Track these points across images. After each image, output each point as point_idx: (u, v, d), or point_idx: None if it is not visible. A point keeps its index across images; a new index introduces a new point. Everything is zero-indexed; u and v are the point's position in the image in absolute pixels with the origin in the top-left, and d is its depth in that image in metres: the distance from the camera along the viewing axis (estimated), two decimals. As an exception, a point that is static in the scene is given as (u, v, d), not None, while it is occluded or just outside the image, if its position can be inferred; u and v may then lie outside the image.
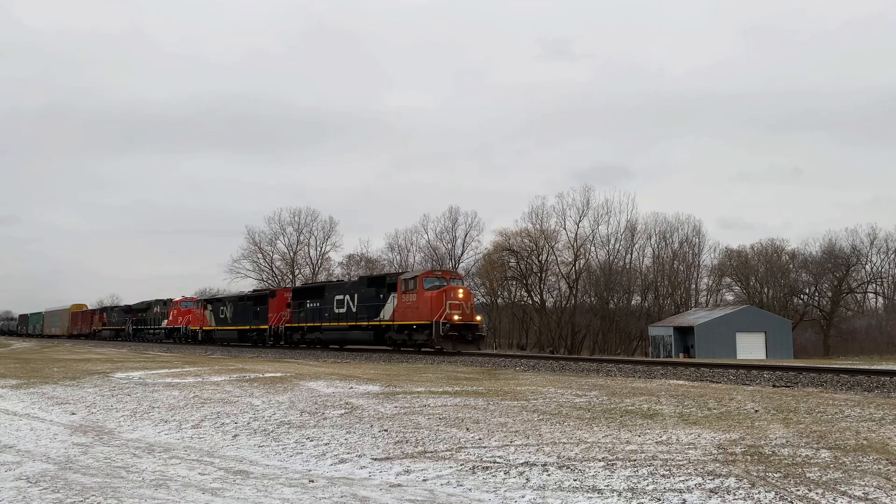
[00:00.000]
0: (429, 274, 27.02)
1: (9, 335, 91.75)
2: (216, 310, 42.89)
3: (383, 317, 27.58)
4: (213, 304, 44.14)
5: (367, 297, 28.76)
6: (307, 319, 32.78)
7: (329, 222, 73.15)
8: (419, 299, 25.63)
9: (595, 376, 15.56)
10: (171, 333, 48.63)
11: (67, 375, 17.20)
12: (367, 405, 10.32)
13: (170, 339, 48.64)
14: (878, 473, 5.66)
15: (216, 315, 42.52)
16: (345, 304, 30.23)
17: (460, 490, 5.70)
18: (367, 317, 28.41)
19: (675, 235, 70.82)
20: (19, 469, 6.76)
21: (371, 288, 29.20)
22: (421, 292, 25.66)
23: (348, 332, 29.78)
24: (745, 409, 9.36)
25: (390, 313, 27.17)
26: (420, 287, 25.82)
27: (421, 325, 25.30)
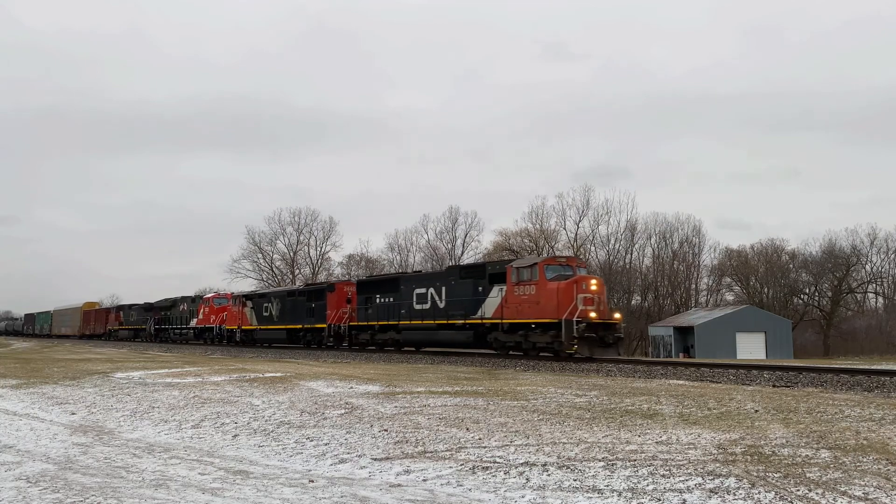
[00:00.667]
0: (551, 261, 22.20)
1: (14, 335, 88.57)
2: (258, 307, 37.45)
3: (484, 314, 22.91)
4: (254, 301, 38.54)
5: (461, 291, 24.17)
6: (378, 317, 28.11)
7: (329, 222, 73.18)
8: (540, 292, 20.93)
9: (595, 376, 15.56)
10: (202, 333, 43.71)
11: (67, 375, 17.20)
12: (367, 405, 10.32)
13: (200, 339, 44.03)
14: (878, 473, 5.66)
15: (258, 312, 37.23)
16: (428, 299, 25.67)
17: (460, 490, 5.70)
18: (463, 313, 23.71)
19: (675, 235, 70.81)
20: (19, 469, 6.76)
21: (466, 279, 24.37)
22: (543, 284, 20.94)
23: (436, 333, 25.15)
24: (745, 409, 9.36)
25: (494, 309, 22.51)
26: (541, 277, 21.07)
27: (543, 325, 20.72)
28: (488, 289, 23.00)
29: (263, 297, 38.09)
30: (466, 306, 23.70)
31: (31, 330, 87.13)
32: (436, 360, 22.63)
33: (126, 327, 56.74)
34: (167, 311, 49.64)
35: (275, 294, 37.85)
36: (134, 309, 56.96)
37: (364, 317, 29.08)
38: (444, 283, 25.43)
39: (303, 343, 33.52)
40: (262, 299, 37.77)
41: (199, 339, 44.11)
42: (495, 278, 22.82)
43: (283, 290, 39.84)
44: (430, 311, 25.47)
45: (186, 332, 45.87)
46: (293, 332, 34.13)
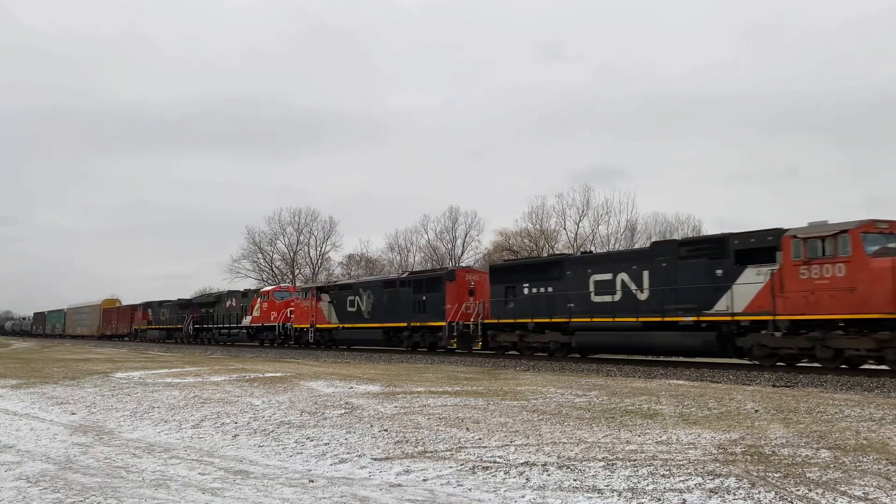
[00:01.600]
0: (868, 227, 14.64)
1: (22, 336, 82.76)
2: (339, 300, 30.51)
3: (729, 307, 16.37)
4: (333, 293, 31.35)
5: (684, 275, 17.40)
6: (526, 312, 21.62)
7: (329, 222, 73.09)
8: (856, 273, 14.23)
9: (595, 376, 15.56)
10: (258, 333, 37.12)
11: (67, 375, 17.20)
12: (367, 405, 10.32)
13: (254, 340, 37.77)
14: (878, 473, 5.66)
15: (340, 307, 30.39)
16: (617, 288, 19.08)
17: (460, 490, 5.70)
18: (694, 307, 16.98)
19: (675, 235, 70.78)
20: (19, 469, 6.76)
21: (691, 259, 17.43)
22: (860, 260, 14.21)
23: (643, 336, 18.24)
24: (745, 408, 9.36)
25: (751, 300, 15.96)
26: (856, 250, 14.26)
27: (862, 323, 14.22)
28: (735, 270, 16.37)
29: (348, 289, 30.74)
30: (697, 297, 16.95)
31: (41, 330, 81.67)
32: (435, 360, 22.62)
33: (157, 327, 50.69)
34: (210, 309, 43.28)
35: (365, 284, 30.46)
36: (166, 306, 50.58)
37: (502, 312, 22.52)
38: (645, 265, 18.51)
39: (407, 346, 27.03)
40: (346, 291, 30.59)
41: (254, 340, 37.83)
42: (747, 256, 16.25)
43: (378, 279, 32.88)
44: (621, 303, 18.87)
45: (237, 332, 39.29)
46: (393, 332, 27.52)
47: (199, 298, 47.28)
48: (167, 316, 49.25)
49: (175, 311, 48.12)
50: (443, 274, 26.12)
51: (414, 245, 69.75)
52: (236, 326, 39.41)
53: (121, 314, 58.49)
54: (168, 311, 49.37)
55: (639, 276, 18.55)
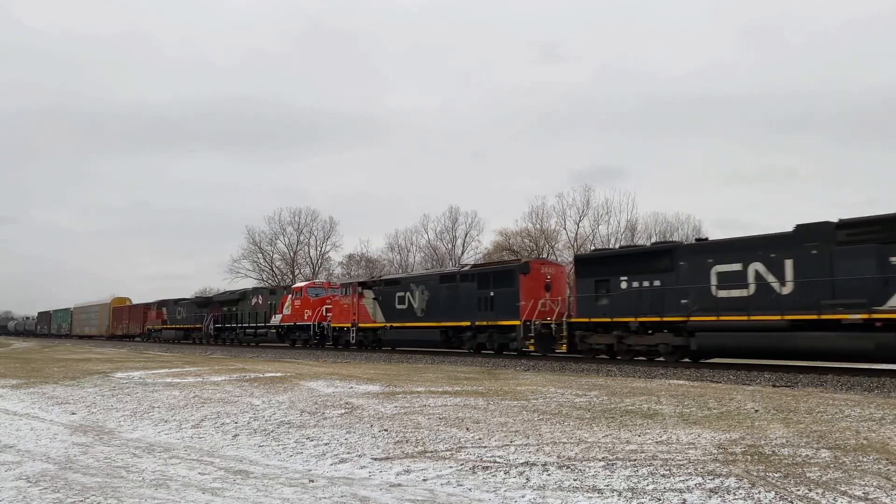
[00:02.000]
0: None
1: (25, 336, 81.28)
2: (386, 296, 27.68)
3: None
4: (378, 289, 28.38)
5: (846, 263, 14.67)
6: (627, 309, 18.84)
7: (329, 222, 73.09)
8: None
9: (595, 376, 15.56)
10: (289, 333, 34.52)
11: (67, 375, 17.20)
12: (367, 405, 10.32)
13: (285, 341, 35.18)
14: (878, 473, 5.67)
15: (387, 304, 27.62)
16: (748, 279, 16.39)
17: (460, 490, 5.70)
18: (865, 301, 14.21)
19: (676, 235, 70.75)
20: (19, 469, 6.76)
21: (858, 243, 14.57)
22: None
23: (790, 337, 15.30)
24: (745, 408, 9.36)
25: None
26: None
27: None
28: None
29: (396, 284, 27.72)
30: (865, 290, 14.22)
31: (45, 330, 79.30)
32: (436, 360, 22.62)
33: (172, 327, 47.84)
34: (233, 307, 40.30)
35: (418, 279, 27.15)
36: (182, 304, 47.88)
37: (592, 309, 19.73)
38: (787, 252, 15.75)
39: (470, 347, 24.12)
40: (395, 287, 27.56)
41: (285, 341, 35.17)
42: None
43: (434, 272, 29.22)
44: (756, 299, 16.13)
45: (264, 331, 36.40)
46: (453, 333, 24.49)
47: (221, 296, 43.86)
48: (184, 315, 46.28)
49: (193, 309, 45.28)
50: (515, 266, 22.91)
51: (414, 245, 69.73)
52: (264, 326, 36.36)
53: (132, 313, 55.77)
54: (185, 310, 46.46)
55: (779, 266, 15.84)
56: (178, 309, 47.58)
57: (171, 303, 49.98)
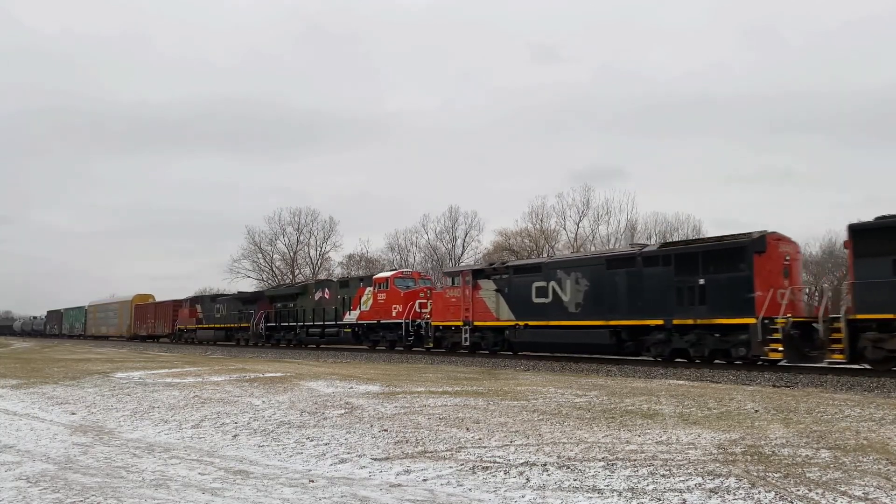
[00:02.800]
0: None
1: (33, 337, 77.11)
2: (516, 287, 21.89)
3: None
4: (503, 278, 22.47)
5: None
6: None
7: (329, 222, 73.08)
8: None
9: (595, 376, 15.56)
10: (369, 333, 28.65)
11: (67, 375, 17.20)
12: (367, 405, 10.32)
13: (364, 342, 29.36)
14: (878, 473, 5.67)
15: (517, 297, 21.80)
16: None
17: (460, 490, 5.70)
18: None
19: (676, 235, 70.70)
20: (19, 469, 6.76)
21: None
22: None
23: None
24: (745, 409, 9.36)
25: None
26: None
27: None
28: None
29: (533, 272, 21.71)
30: None
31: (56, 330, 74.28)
32: (436, 359, 22.62)
33: (209, 326, 42.20)
34: (290, 303, 34.78)
35: (569, 263, 21.11)
36: (222, 301, 42.35)
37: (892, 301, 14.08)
38: None
39: (657, 355, 18.29)
40: (531, 275, 21.65)
41: (364, 342, 29.44)
42: None
43: (594, 255, 22.25)
44: None
45: (335, 331, 30.67)
46: (629, 334, 18.73)
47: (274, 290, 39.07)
48: (224, 313, 40.70)
49: (235, 306, 39.73)
50: (746, 243, 16.70)
51: (414, 245, 69.74)
52: (334, 324, 30.60)
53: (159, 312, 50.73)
54: (225, 307, 40.94)
55: None
56: (217, 306, 42.02)
57: (206, 299, 45.08)
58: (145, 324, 52.26)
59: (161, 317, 50.11)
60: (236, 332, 39.37)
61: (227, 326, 40.32)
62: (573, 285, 20.19)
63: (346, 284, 31.75)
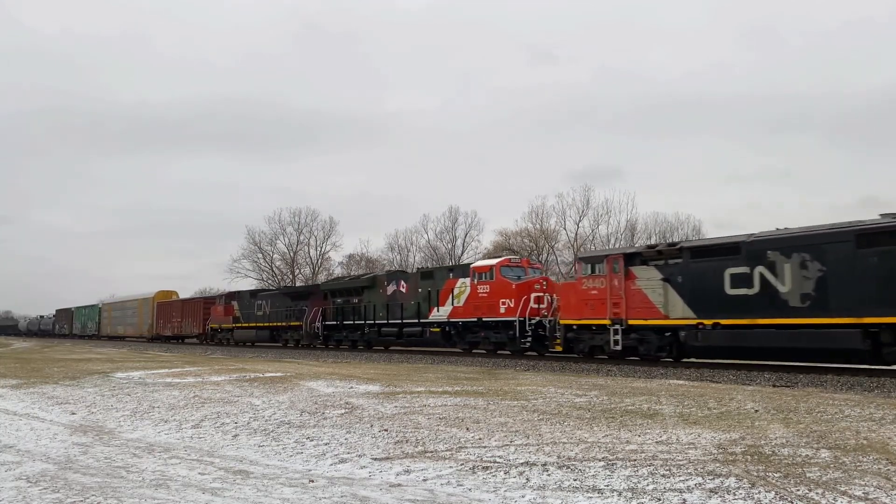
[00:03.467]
0: None
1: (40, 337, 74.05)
2: (696, 274, 17.04)
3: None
4: (673, 264, 17.76)
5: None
6: None
7: (329, 222, 73.08)
8: None
9: (595, 376, 15.56)
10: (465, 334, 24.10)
11: (67, 375, 17.20)
12: (367, 405, 10.32)
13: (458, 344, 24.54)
14: (878, 473, 5.67)
15: (696, 286, 16.99)
16: None
17: (460, 490, 5.69)
18: None
19: (676, 235, 70.68)
20: (19, 469, 6.76)
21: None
22: None
23: None
24: (745, 408, 9.36)
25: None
26: None
27: None
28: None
29: (720, 254, 16.77)
30: None
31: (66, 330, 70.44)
32: (436, 359, 22.61)
33: (249, 326, 37.48)
34: (354, 298, 29.68)
35: (778, 241, 15.83)
36: (264, 297, 37.51)
37: None
38: None
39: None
40: (716, 258, 16.74)
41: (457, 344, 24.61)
42: None
43: (819, 230, 15.25)
44: None
45: (417, 330, 25.84)
46: (891, 335, 13.81)
47: (332, 284, 33.44)
48: (267, 310, 35.96)
49: (282, 302, 35.00)
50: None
51: (414, 245, 69.72)
52: (416, 323, 25.79)
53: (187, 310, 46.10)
54: (269, 304, 36.03)
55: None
56: (258, 303, 37.01)
57: (245, 295, 39.92)
58: (170, 323, 47.89)
59: (189, 315, 45.26)
60: (283, 332, 34.69)
61: (271, 326, 35.44)
62: (796, 270, 15.18)
63: (429, 275, 26.76)
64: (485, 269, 23.79)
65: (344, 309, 30.37)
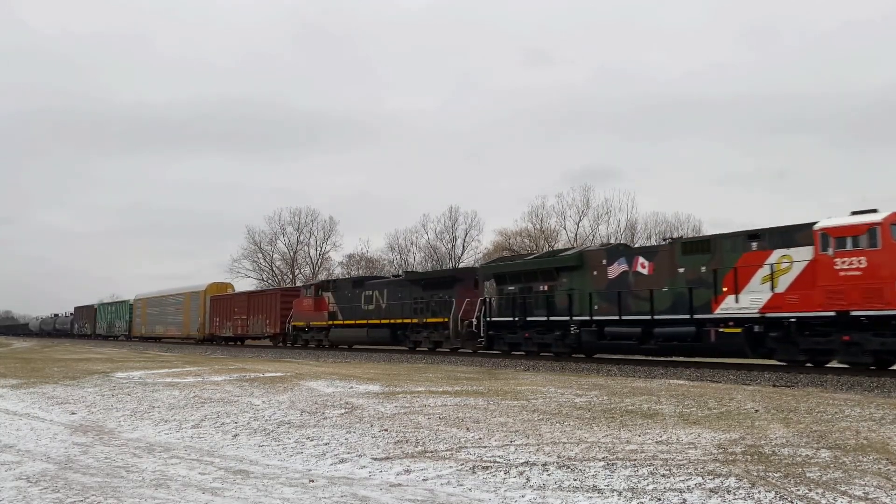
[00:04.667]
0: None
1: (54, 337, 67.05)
2: None
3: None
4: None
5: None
6: None
7: (329, 222, 73.05)
8: None
9: (595, 376, 15.56)
10: (796, 336, 14.96)
11: (67, 375, 17.20)
12: (367, 405, 10.32)
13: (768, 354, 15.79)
14: (878, 473, 5.67)
15: None
16: None
17: (460, 490, 5.69)
18: None
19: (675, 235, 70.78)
20: (19, 469, 6.76)
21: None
22: None
23: None
24: (745, 408, 9.36)
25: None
26: None
27: None
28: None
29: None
30: None
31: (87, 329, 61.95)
32: (436, 359, 22.61)
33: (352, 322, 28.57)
34: (539, 284, 21.06)
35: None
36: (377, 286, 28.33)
37: None
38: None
39: None
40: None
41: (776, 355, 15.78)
42: None
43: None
44: None
45: (685, 331, 16.85)
46: None
47: (504, 265, 23.46)
48: (384, 302, 27.18)
49: (407, 292, 26.25)
50: None
51: (414, 245, 69.70)
52: (687, 320, 16.80)
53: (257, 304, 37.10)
54: (386, 295, 27.19)
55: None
56: (367, 293, 27.85)
57: (345, 284, 30.71)
58: (230, 321, 39.19)
59: (260, 311, 36.45)
60: (413, 330, 25.99)
61: (392, 323, 26.59)
62: None
63: (704, 247, 17.13)
64: (854, 231, 14.24)
65: (526, 300, 21.39)
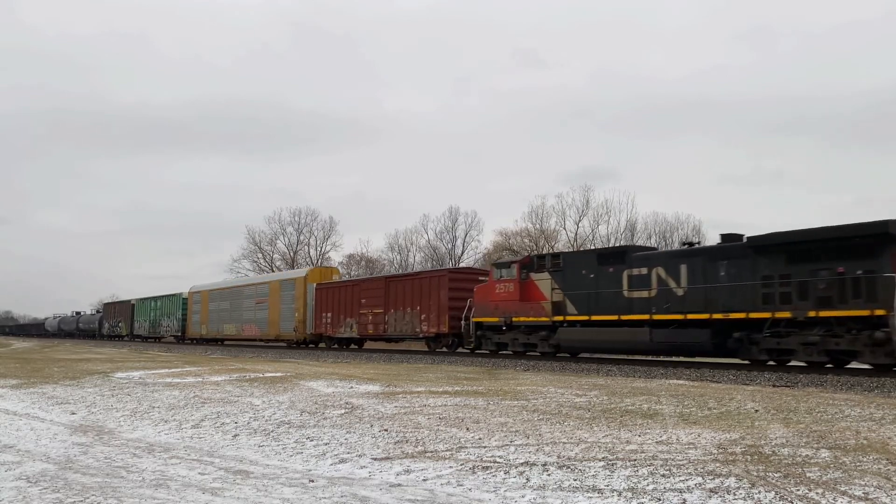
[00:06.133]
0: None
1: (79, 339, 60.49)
2: None
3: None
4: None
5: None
6: None
7: (329, 222, 72.99)
8: None
9: (595, 376, 15.56)
10: None
11: (67, 375, 17.20)
12: (367, 405, 10.32)
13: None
14: (878, 473, 5.66)
15: None
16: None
17: (460, 490, 5.69)
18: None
19: (675, 235, 70.68)
20: (19, 469, 6.76)
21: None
22: None
23: None
24: (745, 408, 9.36)
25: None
26: None
27: None
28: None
29: None
30: None
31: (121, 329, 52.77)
32: (436, 359, 22.61)
33: (608, 319, 18.50)
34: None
35: None
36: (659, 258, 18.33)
37: None
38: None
39: None
40: None
41: None
42: None
43: None
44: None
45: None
46: None
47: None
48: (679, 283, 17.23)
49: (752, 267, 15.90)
50: None
51: (414, 245, 69.69)
52: None
53: (399, 292, 27.30)
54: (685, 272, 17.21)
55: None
56: (632, 272, 18.34)
57: (580, 259, 20.52)
58: (351, 317, 29.77)
59: (411, 301, 26.61)
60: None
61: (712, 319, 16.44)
62: None
63: None
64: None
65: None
